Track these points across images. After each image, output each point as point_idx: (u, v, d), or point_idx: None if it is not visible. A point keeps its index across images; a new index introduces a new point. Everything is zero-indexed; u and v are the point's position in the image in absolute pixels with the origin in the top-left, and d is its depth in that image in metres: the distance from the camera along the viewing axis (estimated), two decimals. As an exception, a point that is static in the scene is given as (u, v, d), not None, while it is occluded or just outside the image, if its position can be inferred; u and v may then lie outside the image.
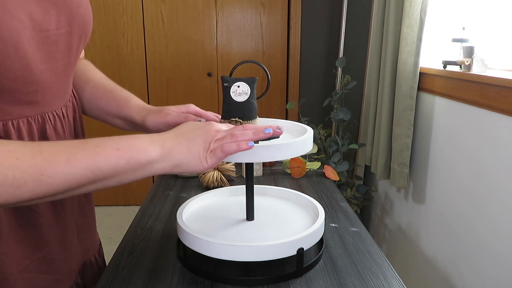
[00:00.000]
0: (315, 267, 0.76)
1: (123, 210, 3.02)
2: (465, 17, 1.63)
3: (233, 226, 0.79)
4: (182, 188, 1.18)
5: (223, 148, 0.58)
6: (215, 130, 0.60)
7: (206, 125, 0.61)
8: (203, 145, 0.58)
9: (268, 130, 0.62)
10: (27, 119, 0.61)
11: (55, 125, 0.65)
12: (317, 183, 1.23)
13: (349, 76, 2.19)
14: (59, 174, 0.48)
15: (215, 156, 0.58)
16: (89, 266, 0.80)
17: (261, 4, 2.78)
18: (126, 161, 0.53)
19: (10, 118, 0.58)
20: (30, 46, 0.56)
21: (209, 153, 0.58)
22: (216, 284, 0.71)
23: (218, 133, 0.60)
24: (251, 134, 0.60)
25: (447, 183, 1.53)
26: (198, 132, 0.59)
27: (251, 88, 0.71)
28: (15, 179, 0.45)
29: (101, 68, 0.86)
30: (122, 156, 0.53)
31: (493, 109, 1.26)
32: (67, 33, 0.62)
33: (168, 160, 0.56)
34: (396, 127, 1.74)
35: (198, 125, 0.61)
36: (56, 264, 0.68)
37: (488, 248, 1.30)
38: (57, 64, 0.62)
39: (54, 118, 0.65)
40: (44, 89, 0.61)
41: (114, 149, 0.53)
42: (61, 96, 0.66)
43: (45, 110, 0.63)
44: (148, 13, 2.77)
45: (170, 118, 0.73)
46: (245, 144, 0.59)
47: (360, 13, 2.54)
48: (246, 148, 0.59)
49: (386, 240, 2.13)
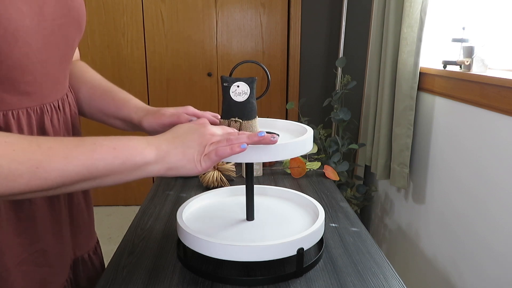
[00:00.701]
0: (315, 267, 0.76)
1: (123, 210, 3.02)
2: (465, 17, 1.63)
3: (233, 226, 0.79)
4: (182, 188, 1.18)
5: (217, 151, 0.58)
6: (210, 134, 0.60)
7: (201, 127, 0.61)
8: (198, 148, 0.58)
9: (261, 133, 0.62)
10: (27, 110, 0.62)
11: (52, 118, 0.67)
12: (317, 183, 1.23)
13: (349, 76, 2.19)
14: (55, 169, 0.48)
15: (210, 160, 0.58)
16: (81, 263, 0.80)
17: (261, 4, 2.78)
18: (122, 161, 0.53)
19: (10, 109, 0.59)
20: (28, 35, 0.57)
21: (204, 156, 0.58)
22: (216, 284, 0.71)
23: (213, 136, 0.60)
24: (245, 138, 0.61)
25: (447, 183, 1.53)
26: (193, 135, 0.59)
27: (250, 88, 0.71)
28: (10, 170, 0.45)
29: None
30: (118, 156, 0.53)
31: (493, 109, 1.26)
32: (63, 25, 0.64)
33: (163, 163, 0.57)
34: (396, 127, 1.74)
35: (193, 128, 0.61)
36: (52, 257, 0.69)
37: (488, 248, 1.30)
38: (54, 55, 0.64)
39: (51, 110, 0.66)
40: (41, 80, 0.63)
41: (111, 148, 0.53)
42: (57, 89, 0.68)
43: (43, 102, 0.64)
44: (148, 13, 2.77)
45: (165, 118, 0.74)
46: (238, 146, 0.59)
47: (360, 13, 2.54)
48: (239, 150, 0.59)
49: (386, 240, 2.13)
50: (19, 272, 0.64)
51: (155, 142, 0.57)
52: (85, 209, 0.80)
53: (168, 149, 0.57)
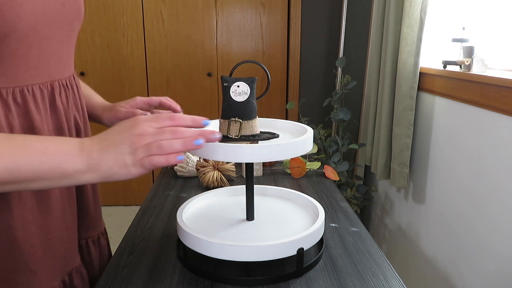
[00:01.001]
0: (315, 267, 0.76)
1: (123, 210, 3.02)
2: (465, 17, 1.63)
3: (233, 226, 0.79)
4: (182, 188, 1.18)
5: (152, 161, 0.54)
6: (138, 134, 0.55)
7: (131, 128, 0.56)
8: (129, 150, 0.54)
9: (198, 142, 0.56)
10: (39, 86, 0.64)
11: (61, 95, 0.69)
12: (317, 183, 1.23)
13: (349, 76, 2.19)
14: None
15: (143, 168, 0.54)
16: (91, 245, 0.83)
17: (261, 4, 2.78)
18: (50, 167, 0.51)
19: (25, 85, 0.62)
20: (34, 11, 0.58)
21: (138, 162, 0.54)
22: (216, 284, 0.71)
23: (142, 137, 0.55)
24: (180, 145, 0.55)
25: (447, 183, 1.53)
26: (122, 137, 0.55)
27: (250, 88, 0.71)
28: None
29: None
30: (46, 161, 0.51)
31: (493, 109, 1.26)
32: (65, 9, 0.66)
33: (96, 172, 0.54)
34: (396, 127, 1.74)
35: (124, 128, 0.56)
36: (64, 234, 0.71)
37: (488, 248, 1.30)
38: (57, 35, 0.66)
39: (60, 88, 0.69)
40: (47, 56, 0.65)
41: (40, 152, 0.51)
42: (63, 68, 0.70)
43: (51, 78, 0.67)
44: (148, 13, 2.77)
45: (121, 114, 0.77)
46: (174, 158, 0.55)
47: (360, 13, 2.54)
48: (175, 162, 0.55)
49: (386, 240, 2.13)
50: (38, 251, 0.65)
51: (87, 148, 0.54)
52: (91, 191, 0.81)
53: (99, 158, 0.54)
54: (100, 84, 2.79)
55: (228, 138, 0.71)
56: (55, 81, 0.68)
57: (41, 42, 0.62)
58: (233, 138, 0.71)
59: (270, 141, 0.73)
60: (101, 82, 2.80)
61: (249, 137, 0.72)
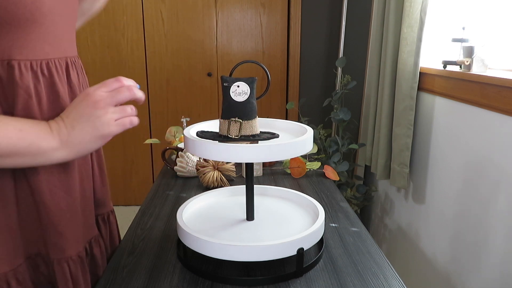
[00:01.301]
0: (315, 267, 0.76)
1: (123, 210, 3.02)
2: (465, 17, 1.63)
3: (233, 226, 0.79)
4: (182, 188, 1.18)
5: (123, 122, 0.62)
6: (94, 101, 0.60)
7: (84, 99, 0.61)
8: (93, 120, 0.59)
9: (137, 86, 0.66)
10: (58, 60, 0.67)
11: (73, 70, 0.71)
12: (317, 183, 1.23)
13: (349, 76, 2.19)
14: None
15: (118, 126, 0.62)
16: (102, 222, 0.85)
17: (261, 4, 2.78)
18: (28, 144, 0.55)
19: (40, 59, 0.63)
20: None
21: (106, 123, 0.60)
22: (216, 284, 0.71)
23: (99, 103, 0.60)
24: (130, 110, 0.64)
25: (447, 183, 1.53)
26: (82, 109, 0.60)
27: (250, 88, 0.71)
28: None
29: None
30: (24, 137, 0.55)
31: (493, 109, 1.26)
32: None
33: (68, 147, 0.59)
34: (396, 127, 1.74)
35: (77, 102, 0.61)
36: None
37: (488, 248, 1.30)
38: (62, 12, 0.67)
39: (72, 64, 0.71)
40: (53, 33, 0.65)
41: (17, 129, 0.54)
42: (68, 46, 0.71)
43: (65, 55, 0.69)
44: (148, 13, 2.77)
45: None
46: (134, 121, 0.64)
47: (360, 13, 2.54)
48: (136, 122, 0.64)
49: (386, 240, 2.13)
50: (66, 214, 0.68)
51: (55, 128, 0.59)
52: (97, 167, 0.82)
53: (68, 132, 0.59)
54: (100, 84, 2.78)
55: (228, 138, 0.71)
56: (68, 58, 0.70)
57: (55, 18, 0.65)
58: (233, 138, 0.71)
59: (270, 141, 0.73)
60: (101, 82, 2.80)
61: (249, 137, 0.71)
